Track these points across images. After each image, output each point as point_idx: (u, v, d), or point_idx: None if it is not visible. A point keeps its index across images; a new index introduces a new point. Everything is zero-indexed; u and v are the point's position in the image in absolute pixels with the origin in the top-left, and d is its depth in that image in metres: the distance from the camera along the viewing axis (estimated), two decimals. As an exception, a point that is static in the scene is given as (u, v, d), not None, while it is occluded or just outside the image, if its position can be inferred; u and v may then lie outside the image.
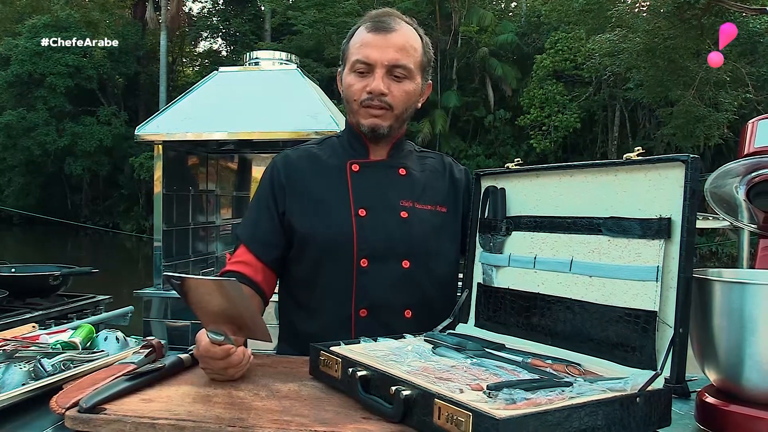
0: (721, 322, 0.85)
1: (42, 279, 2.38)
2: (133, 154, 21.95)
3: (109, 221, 23.70)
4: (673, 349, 0.84)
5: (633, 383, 0.81)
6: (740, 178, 1.13)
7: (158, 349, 1.09)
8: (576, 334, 0.99)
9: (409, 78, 1.29)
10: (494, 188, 1.21)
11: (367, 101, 1.28)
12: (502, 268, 1.16)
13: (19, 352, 1.05)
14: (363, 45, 1.27)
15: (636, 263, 0.92)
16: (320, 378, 1.00)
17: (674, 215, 0.88)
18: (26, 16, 23.64)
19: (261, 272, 1.30)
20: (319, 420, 0.82)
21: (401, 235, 1.28)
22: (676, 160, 0.88)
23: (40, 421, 0.90)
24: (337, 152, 1.38)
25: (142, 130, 3.06)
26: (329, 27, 20.01)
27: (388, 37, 1.26)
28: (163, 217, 3.12)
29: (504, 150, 20.31)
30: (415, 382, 0.82)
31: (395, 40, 1.27)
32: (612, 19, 15.29)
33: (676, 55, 14.76)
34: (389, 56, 1.25)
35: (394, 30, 1.27)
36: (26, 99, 23.03)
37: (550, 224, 1.08)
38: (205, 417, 0.82)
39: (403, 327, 1.23)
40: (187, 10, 27.33)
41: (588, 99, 19.21)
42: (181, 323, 3.00)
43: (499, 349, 1.04)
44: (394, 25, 1.28)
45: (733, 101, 15.35)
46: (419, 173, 1.38)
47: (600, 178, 1.01)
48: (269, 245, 1.32)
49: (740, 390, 0.85)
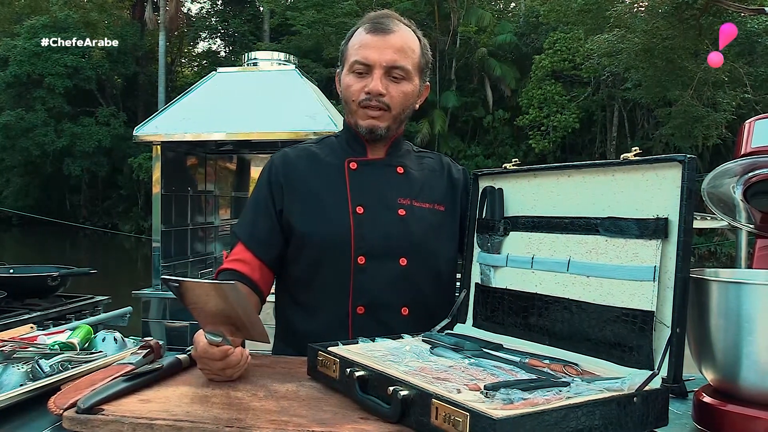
0: (719, 322, 0.85)
1: (40, 280, 2.38)
2: (132, 155, 21.93)
3: (107, 222, 23.68)
4: (670, 349, 0.84)
5: (630, 383, 0.81)
6: (737, 178, 1.14)
7: (156, 349, 1.09)
8: (573, 334, 0.99)
9: (407, 79, 1.30)
10: (492, 188, 1.21)
11: (365, 102, 1.28)
12: (499, 268, 1.16)
13: (17, 353, 1.05)
14: (362, 46, 1.28)
15: (633, 263, 0.92)
16: (318, 378, 1.00)
17: (671, 215, 0.89)
18: (25, 17, 23.63)
19: (258, 270, 1.31)
20: (317, 420, 0.82)
21: (399, 232, 1.29)
22: (673, 160, 0.89)
23: (37, 422, 0.90)
24: (335, 151, 1.38)
25: (140, 131, 3.06)
26: (328, 27, 20.01)
27: (386, 39, 1.27)
28: (162, 217, 3.13)
29: (503, 150, 20.32)
30: (413, 382, 0.82)
31: (393, 41, 1.27)
32: (610, 20, 15.30)
33: (675, 56, 14.77)
34: (387, 57, 1.26)
35: (393, 31, 1.28)
36: (25, 99, 23.01)
37: (548, 224, 1.08)
38: (202, 417, 0.82)
39: (400, 325, 1.23)
40: (185, 11, 27.35)
41: (587, 99, 19.23)
42: (180, 324, 3.00)
43: (496, 349, 1.04)
44: (393, 26, 1.29)
45: (731, 101, 15.36)
46: (417, 172, 1.38)
47: (597, 179, 1.01)
48: (267, 244, 1.32)
49: (737, 390, 0.85)
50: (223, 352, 0.97)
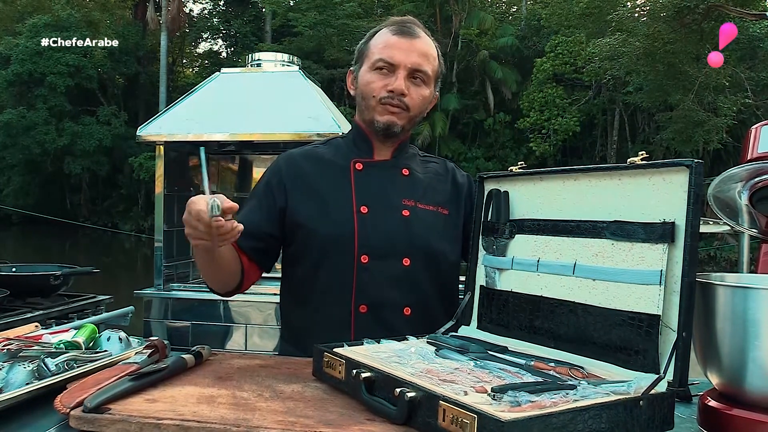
0: (724, 327, 0.85)
1: (43, 279, 2.38)
2: (133, 155, 21.94)
3: (108, 221, 23.67)
4: (676, 353, 0.84)
5: (636, 386, 0.81)
6: (743, 183, 1.14)
7: (161, 349, 1.09)
8: (579, 337, 0.99)
9: (426, 84, 1.34)
10: (497, 191, 1.21)
11: (386, 99, 1.31)
12: (505, 270, 1.16)
13: (22, 351, 1.05)
14: (387, 46, 1.31)
15: (639, 267, 0.92)
16: (324, 379, 1.00)
17: (678, 219, 0.89)
18: (27, 16, 23.64)
19: (243, 255, 1.32)
20: (323, 421, 0.82)
21: (402, 233, 1.30)
22: (680, 165, 0.89)
23: (43, 420, 0.90)
24: (341, 151, 1.39)
25: (143, 131, 3.06)
26: (330, 29, 20.03)
27: (412, 42, 1.32)
28: (164, 217, 3.13)
29: (503, 153, 20.33)
30: (420, 384, 0.82)
31: (419, 45, 1.32)
32: (612, 23, 15.33)
33: (676, 60, 14.80)
34: (413, 60, 1.30)
35: (418, 36, 1.33)
36: (26, 98, 23.01)
37: (554, 227, 1.08)
38: (209, 417, 0.82)
39: (402, 325, 1.24)
40: (187, 11, 27.33)
41: (588, 103, 19.25)
42: (182, 324, 3.00)
43: (501, 351, 1.05)
44: (418, 32, 1.34)
45: (732, 106, 15.38)
46: (422, 175, 1.40)
47: (604, 182, 1.01)
48: (252, 236, 1.30)
49: (743, 394, 0.85)
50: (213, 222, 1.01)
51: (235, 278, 1.31)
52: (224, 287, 1.33)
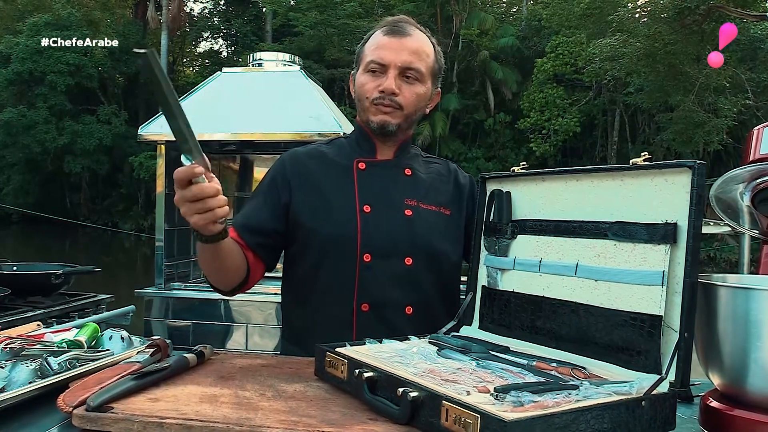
0: (726, 327, 0.86)
1: (44, 277, 2.38)
2: (133, 154, 21.94)
3: (107, 220, 23.68)
4: (678, 354, 0.85)
5: (638, 387, 0.81)
6: (745, 184, 1.14)
7: (164, 348, 1.09)
8: (581, 337, 0.99)
9: (420, 81, 1.33)
10: (500, 191, 1.21)
11: (378, 99, 1.31)
12: (507, 271, 1.17)
13: (25, 350, 1.05)
14: (378, 47, 1.32)
15: (642, 268, 0.93)
16: (326, 379, 1.01)
17: (680, 220, 0.89)
18: (27, 15, 23.64)
19: (250, 252, 1.32)
20: (326, 421, 0.82)
21: (405, 232, 1.30)
22: (682, 166, 0.89)
23: (45, 419, 0.90)
24: (344, 151, 1.40)
25: (145, 130, 3.07)
26: (330, 29, 20.04)
27: (402, 41, 1.31)
28: (165, 216, 3.13)
29: (504, 153, 20.34)
30: (423, 383, 0.82)
31: (409, 43, 1.31)
32: (613, 24, 15.33)
33: (677, 61, 14.80)
34: (403, 58, 1.30)
35: (409, 35, 1.32)
36: (26, 97, 23.02)
37: (556, 228, 1.08)
38: (212, 417, 0.82)
39: (403, 324, 1.24)
40: (188, 11, 27.35)
41: (588, 103, 19.26)
42: (183, 323, 3.00)
43: (503, 351, 1.05)
44: (409, 30, 1.33)
45: (732, 107, 15.38)
46: (425, 175, 1.40)
47: (606, 183, 1.01)
48: (257, 231, 1.32)
49: (744, 395, 0.85)
50: (190, 170, 1.00)
51: (239, 274, 1.30)
52: (228, 284, 1.32)
